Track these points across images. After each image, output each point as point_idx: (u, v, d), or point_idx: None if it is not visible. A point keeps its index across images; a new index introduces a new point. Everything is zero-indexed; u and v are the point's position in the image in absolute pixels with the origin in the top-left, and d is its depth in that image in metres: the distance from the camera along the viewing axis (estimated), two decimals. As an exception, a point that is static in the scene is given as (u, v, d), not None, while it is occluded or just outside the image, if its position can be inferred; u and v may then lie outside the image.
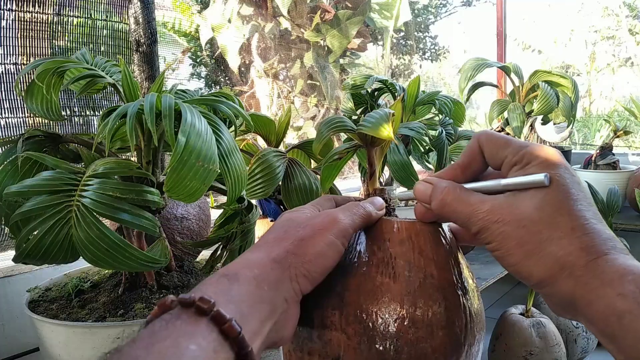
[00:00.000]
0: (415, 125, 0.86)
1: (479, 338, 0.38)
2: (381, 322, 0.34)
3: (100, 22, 0.87)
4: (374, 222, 0.39)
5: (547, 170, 0.32)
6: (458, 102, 0.99)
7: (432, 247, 0.37)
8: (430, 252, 0.37)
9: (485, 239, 0.33)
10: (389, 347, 0.34)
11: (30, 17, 0.79)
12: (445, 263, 0.37)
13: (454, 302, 0.36)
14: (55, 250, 0.45)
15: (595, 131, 4.39)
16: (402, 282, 0.35)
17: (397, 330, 0.34)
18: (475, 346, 0.37)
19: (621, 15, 5.52)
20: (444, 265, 0.37)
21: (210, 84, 4.63)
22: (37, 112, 0.56)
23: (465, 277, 0.38)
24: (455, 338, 0.35)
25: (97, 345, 0.49)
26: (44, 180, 0.45)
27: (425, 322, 0.34)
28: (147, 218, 0.47)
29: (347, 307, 0.35)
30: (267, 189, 0.71)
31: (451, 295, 0.36)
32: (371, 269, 0.36)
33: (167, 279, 0.58)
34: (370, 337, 0.34)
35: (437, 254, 0.37)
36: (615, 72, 5.41)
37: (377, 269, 0.36)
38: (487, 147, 0.36)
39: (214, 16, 4.01)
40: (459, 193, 0.35)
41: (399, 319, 0.34)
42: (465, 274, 0.38)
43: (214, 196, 0.81)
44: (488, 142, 0.36)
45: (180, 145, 0.42)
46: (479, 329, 0.38)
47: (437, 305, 0.35)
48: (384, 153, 0.43)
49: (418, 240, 0.37)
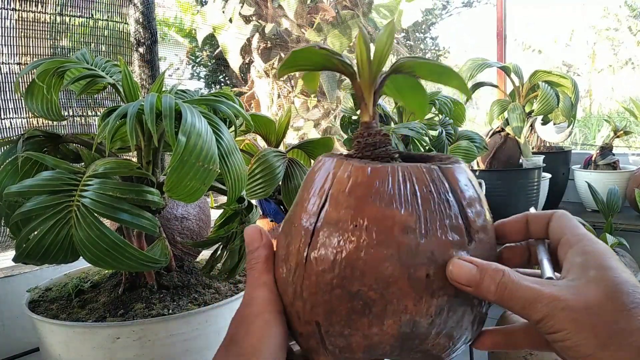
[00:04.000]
0: (415, 125, 0.86)
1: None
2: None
3: (101, 22, 0.88)
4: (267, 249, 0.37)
5: (603, 273, 0.31)
6: (458, 102, 0.99)
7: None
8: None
9: (551, 327, 0.30)
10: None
11: (34, 17, 0.79)
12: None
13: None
14: (56, 250, 0.45)
15: (596, 131, 4.39)
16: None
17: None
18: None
19: (621, 15, 5.52)
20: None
21: (210, 84, 4.63)
22: (37, 112, 0.56)
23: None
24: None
25: (97, 345, 0.49)
26: (44, 180, 0.45)
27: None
28: (147, 218, 0.47)
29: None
30: (267, 189, 0.71)
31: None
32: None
33: (167, 279, 0.58)
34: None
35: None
36: (616, 72, 5.41)
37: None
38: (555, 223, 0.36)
39: (214, 15, 4.01)
40: (515, 276, 0.32)
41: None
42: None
43: (214, 196, 0.81)
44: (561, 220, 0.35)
45: (181, 145, 0.42)
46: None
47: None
48: (374, 86, 0.37)
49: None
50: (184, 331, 0.51)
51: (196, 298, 0.57)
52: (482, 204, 0.35)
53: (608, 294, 0.30)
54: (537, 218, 0.37)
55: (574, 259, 0.33)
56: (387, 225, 0.32)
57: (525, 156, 1.43)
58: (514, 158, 1.41)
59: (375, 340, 0.33)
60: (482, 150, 1.02)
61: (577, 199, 1.81)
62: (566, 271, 0.33)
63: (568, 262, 0.33)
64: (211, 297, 0.58)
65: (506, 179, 1.34)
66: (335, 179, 0.34)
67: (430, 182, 0.33)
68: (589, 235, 0.34)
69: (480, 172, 1.38)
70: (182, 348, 0.51)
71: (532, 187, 1.36)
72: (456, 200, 0.33)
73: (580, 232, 0.34)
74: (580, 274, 0.32)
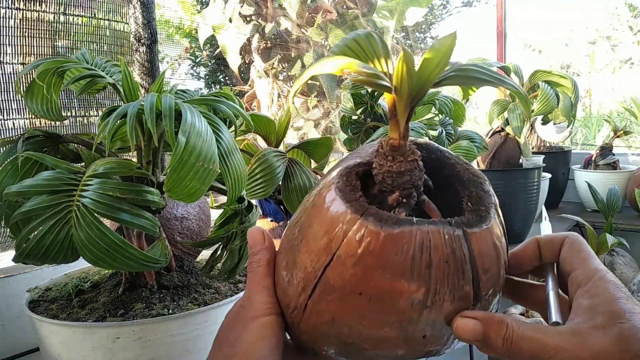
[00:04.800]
0: (416, 125, 0.86)
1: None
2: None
3: (103, 22, 0.88)
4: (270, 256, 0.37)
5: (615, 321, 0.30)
6: (458, 102, 0.99)
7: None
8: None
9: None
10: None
11: (38, 16, 0.79)
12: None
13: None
14: (56, 250, 0.45)
15: (596, 131, 4.39)
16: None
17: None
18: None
19: (621, 15, 5.52)
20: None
21: (210, 84, 4.63)
22: (37, 112, 0.56)
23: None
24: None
25: (97, 345, 0.49)
26: (44, 180, 0.45)
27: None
28: (147, 218, 0.47)
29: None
30: (267, 189, 0.71)
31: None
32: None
33: (167, 279, 0.58)
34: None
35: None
36: (615, 72, 5.41)
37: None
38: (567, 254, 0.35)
39: (214, 15, 4.01)
40: (518, 328, 0.32)
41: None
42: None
43: (214, 196, 0.81)
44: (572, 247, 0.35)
45: (181, 145, 0.42)
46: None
47: None
48: (411, 104, 0.31)
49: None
50: (184, 331, 0.51)
51: (196, 298, 0.57)
52: (499, 267, 0.33)
53: (615, 342, 0.29)
54: (549, 243, 0.37)
55: (583, 301, 0.32)
56: (393, 297, 0.30)
57: (525, 156, 1.43)
58: (514, 158, 1.41)
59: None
60: (482, 150, 1.02)
61: (577, 199, 1.81)
62: (574, 314, 0.32)
63: (576, 304, 0.32)
64: (211, 297, 0.58)
65: (506, 179, 1.34)
66: (345, 239, 0.30)
67: (449, 252, 0.30)
68: (600, 271, 0.33)
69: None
70: (182, 348, 0.51)
71: (532, 187, 1.36)
72: (472, 269, 0.31)
73: (591, 267, 0.33)
74: (587, 319, 0.31)
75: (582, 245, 0.35)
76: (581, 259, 0.34)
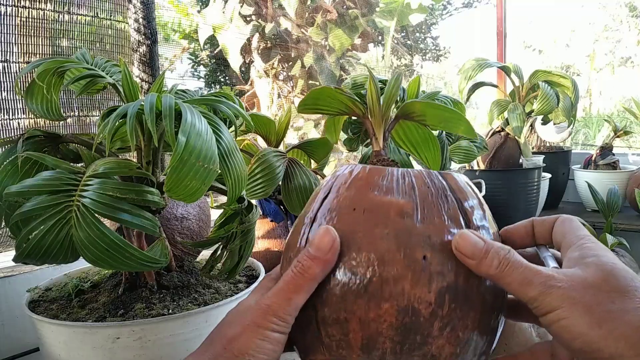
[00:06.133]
0: (416, 125, 0.86)
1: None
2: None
3: (105, 22, 0.88)
4: (328, 266, 0.32)
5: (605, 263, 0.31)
6: (458, 102, 0.99)
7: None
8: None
9: (546, 306, 0.30)
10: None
11: (43, 15, 0.79)
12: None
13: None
14: (56, 250, 0.45)
15: (596, 131, 4.40)
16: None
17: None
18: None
19: (622, 15, 5.52)
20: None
21: (210, 84, 4.63)
22: (37, 112, 0.56)
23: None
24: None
25: (97, 345, 0.49)
26: (44, 180, 0.45)
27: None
28: (147, 218, 0.47)
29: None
30: (267, 189, 0.71)
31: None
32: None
33: (167, 279, 0.58)
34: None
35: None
36: (615, 72, 5.41)
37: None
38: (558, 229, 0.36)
39: (214, 15, 4.01)
40: (518, 256, 0.32)
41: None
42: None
43: (214, 196, 0.81)
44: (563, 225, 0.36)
45: (181, 145, 0.42)
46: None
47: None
48: (384, 125, 0.43)
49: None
50: (184, 331, 0.51)
51: (196, 298, 0.57)
52: (483, 210, 0.36)
53: (605, 276, 0.30)
54: (543, 223, 0.37)
55: (573, 254, 0.33)
56: (384, 209, 0.33)
57: (525, 156, 1.43)
58: (514, 158, 1.41)
59: (373, 330, 0.31)
60: (482, 150, 1.02)
61: (577, 199, 1.80)
62: (565, 266, 0.33)
63: (567, 259, 0.33)
64: (211, 297, 0.58)
65: (506, 179, 1.34)
66: (337, 175, 0.37)
67: (429, 180, 0.34)
68: (590, 236, 0.34)
69: (480, 172, 1.37)
70: (182, 348, 0.51)
71: (532, 187, 1.36)
72: (455, 198, 0.34)
73: (581, 233, 0.35)
74: (577, 263, 0.32)
75: (573, 220, 0.36)
76: (573, 228, 0.35)
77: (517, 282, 0.31)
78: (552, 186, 1.59)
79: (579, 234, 0.34)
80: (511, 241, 0.38)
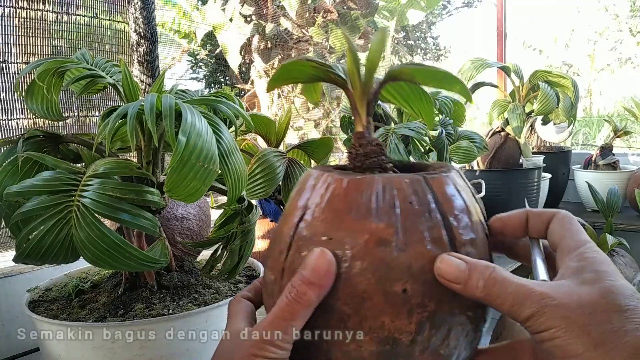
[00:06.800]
0: (416, 126, 0.86)
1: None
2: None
3: (105, 22, 0.88)
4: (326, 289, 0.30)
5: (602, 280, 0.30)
6: (458, 102, 0.99)
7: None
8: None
9: (541, 325, 0.28)
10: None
11: (41, 15, 0.79)
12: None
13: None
14: (56, 250, 0.45)
15: (596, 131, 4.40)
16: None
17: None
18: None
19: (622, 15, 5.52)
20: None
21: (210, 84, 4.63)
22: (37, 112, 0.56)
23: None
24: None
25: (97, 345, 0.49)
26: (44, 180, 0.45)
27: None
28: (147, 218, 0.47)
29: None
30: (267, 189, 0.71)
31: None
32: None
33: (167, 279, 0.58)
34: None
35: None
36: (615, 72, 5.41)
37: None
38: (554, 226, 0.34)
39: (213, 14, 4.01)
40: (505, 273, 0.30)
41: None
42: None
43: (214, 196, 0.81)
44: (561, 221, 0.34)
45: (181, 145, 0.42)
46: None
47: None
48: (366, 96, 0.36)
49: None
50: (184, 331, 0.51)
51: (196, 298, 0.57)
52: (471, 216, 0.33)
53: (602, 294, 0.29)
54: (538, 216, 0.36)
55: (571, 263, 0.31)
56: (361, 238, 0.30)
57: (525, 156, 1.43)
58: (514, 158, 1.41)
59: (355, 356, 0.31)
60: (482, 150, 1.02)
61: (577, 199, 1.81)
62: (561, 275, 0.31)
63: (564, 267, 0.32)
64: (211, 297, 0.58)
65: (506, 179, 1.34)
66: (314, 191, 0.33)
67: (411, 193, 0.31)
68: (590, 242, 0.33)
69: (480, 172, 1.38)
70: (182, 348, 0.51)
71: (532, 187, 1.36)
72: (440, 212, 0.32)
73: (581, 237, 0.33)
74: (574, 277, 0.30)
75: (572, 220, 0.34)
76: (572, 231, 0.33)
77: (508, 302, 0.29)
78: (552, 186, 1.59)
79: (578, 238, 0.33)
80: (501, 231, 0.36)
